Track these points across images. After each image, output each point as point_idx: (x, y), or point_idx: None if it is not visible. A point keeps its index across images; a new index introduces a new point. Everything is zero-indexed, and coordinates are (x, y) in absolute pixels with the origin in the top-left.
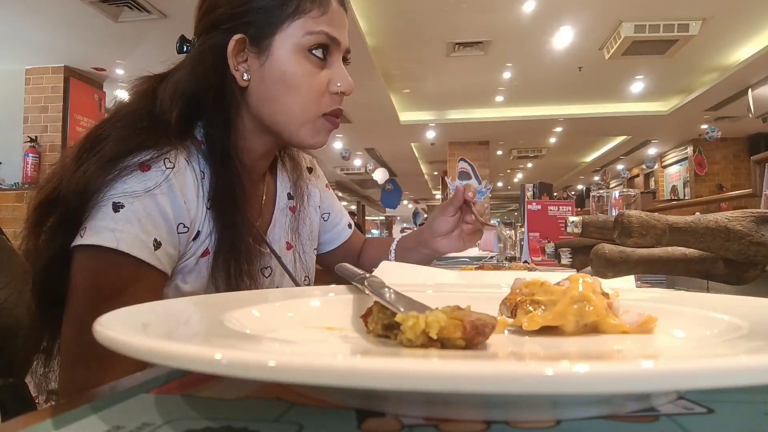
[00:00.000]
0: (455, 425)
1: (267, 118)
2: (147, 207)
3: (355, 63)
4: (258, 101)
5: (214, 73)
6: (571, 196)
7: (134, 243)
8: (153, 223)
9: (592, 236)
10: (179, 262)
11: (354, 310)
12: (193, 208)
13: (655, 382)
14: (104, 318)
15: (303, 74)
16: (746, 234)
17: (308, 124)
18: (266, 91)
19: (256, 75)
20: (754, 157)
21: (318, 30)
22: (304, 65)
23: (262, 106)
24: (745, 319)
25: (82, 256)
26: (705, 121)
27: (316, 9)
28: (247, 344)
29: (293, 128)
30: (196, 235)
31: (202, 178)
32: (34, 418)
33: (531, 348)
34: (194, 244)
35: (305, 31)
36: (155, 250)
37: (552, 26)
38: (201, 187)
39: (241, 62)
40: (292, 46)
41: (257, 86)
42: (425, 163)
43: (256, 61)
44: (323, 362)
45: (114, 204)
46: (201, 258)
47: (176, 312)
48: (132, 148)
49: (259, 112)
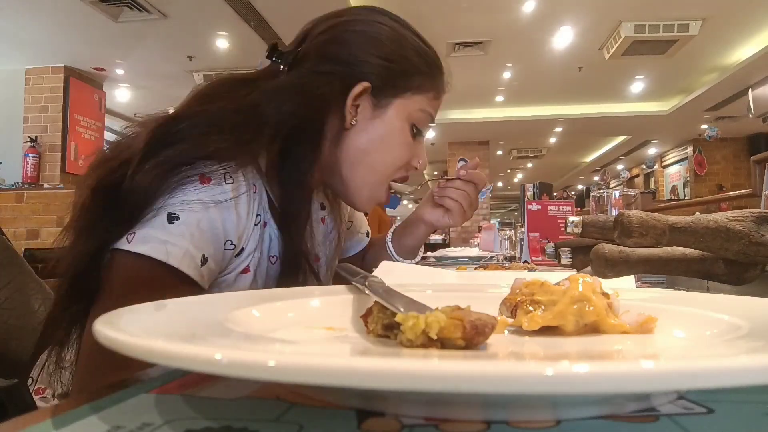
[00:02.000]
0: (455, 425)
1: (350, 164)
2: (201, 222)
3: None
4: (351, 146)
5: (329, 104)
6: (571, 196)
7: (184, 258)
8: (204, 239)
9: (592, 236)
10: (220, 276)
11: (354, 310)
12: (243, 226)
13: (655, 382)
14: (104, 318)
15: (402, 143)
16: (746, 234)
17: (378, 185)
18: (365, 141)
19: (363, 123)
20: (754, 157)
21: (429, 111)
22: (407, 135)
23: (354, 151)
24: (745, 319)
25: (126, 259)
26: (705, 121)
27: (433, 92)
28: (247, 344)
29: (362, 185)
30: (239, 252)
31: (254, 192)
32: (34, 418)
33: (531, 348)
34: (236, 261)
35: (420, 108)
36: (201, 266)
37: (552, 26)
38: (253, 203)
39: (354, 106)
40: (405, 114)
41: (358, 133)
42: None
43: (369, 112)
44: (323, 362)
45: (169, 214)
46: (241, 275)
47: (176, 312)
48: (202, 156)
49: (347, 156)
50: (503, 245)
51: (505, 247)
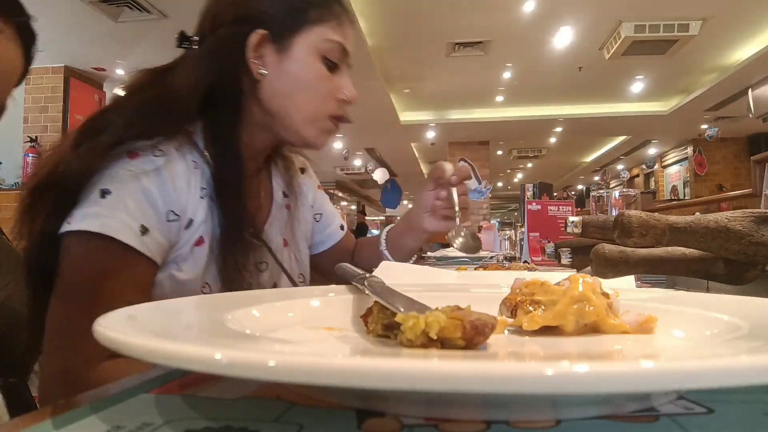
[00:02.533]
0: (455, 425)
1: (279, 112)
2: (133, 193)
3: (355, 63)
4: (272, 96)
5: (232, 63)
6: (571, 196)
7: (120, 228)
8: (140, 209)
9: (592, 236)
10: (173, 251)
11: (354, 310)
12: (184, 197)
13: (655, 382)
14: (105, 318)
15: (318, 76)
16: (746, 234)
17: (316, 122)
18: (282, 86)
19: (273, 70)
20: (754, 157)
21: (336, 40)
22: (319, 68)
23: (276, 100)
24: (745, 319)
25: (69, 242)
26: (705, 121)
27: (334, 20)
28: (247, 344)
29: (302, 124)
30: (188, 224)
31: (194, 167)
32: (34, 418)
33: (531, 348)
34: (186, 233)
35: (325, 38)
36: (142, 235)
37: (552, 26)
38: (194, 176)
39: (258, 57)
40: (312, 49)
41: (273, 81)
42: (425, 163)
43: (274, 57)
44: (323, 362)
45: (101, 191)
46: (195, 247)
47: (176, 312)
48: (127, 136)
49: (272, 106)
50: (503, 245)
51: (505, 247)
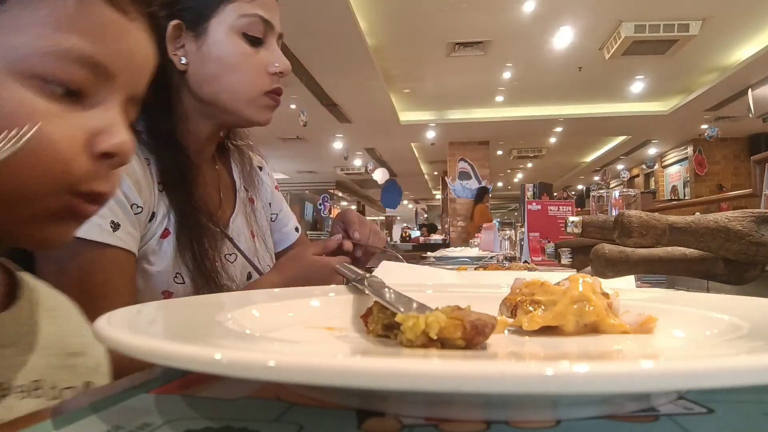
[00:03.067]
0: (455, 425)
1: (210, 98)
2: None
3: (355, 63)
4: (199, 83)
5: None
6: (571, 196)
7: (91, 228)
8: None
9: (592, 236)
10: (142, 243)
11: (354, 310)
12: (146, 191)
13: (655, 382)
14: (104, 318)
15: (241, 54)
16: (746, 234)
17: (252, 101)
18: (206, 72)
19: (195, 58)
20: (754, 157)
21: (252, 13)
22: (241, 46)
23: (204, 87)
24: (745, 319)
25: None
26: (705, 121)
27: None
28: (247, 344)
29: (239, 106)
30: (152, 217)
31: (148, 164)
32: (34, 418)
33: (531, 348)
34: (152, 225)
35: (239, 14)
36: (114, 231)
37: (552, 26)
38: (149, 171)
39: (178, 47)
40: (228, 28)
41: (197, 69)
42: (425, 163)
43: (193, 45)
44: (323, 362)
45: None
46: (162, 239)
47: (176, 312)
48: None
49: (202, 93)
50: (503, 245)
51: (505, 247)
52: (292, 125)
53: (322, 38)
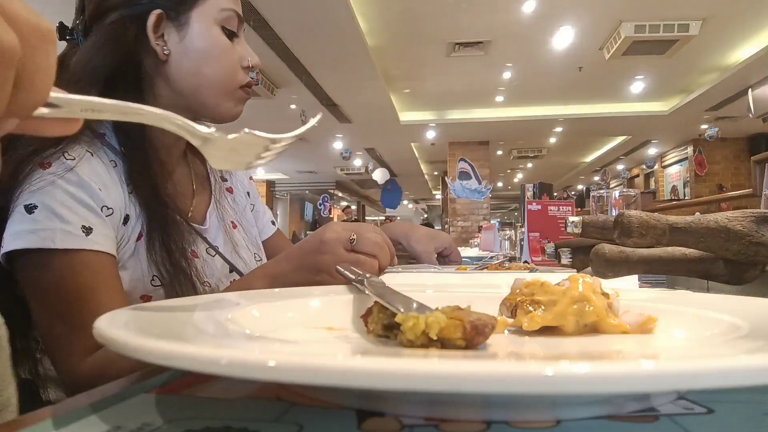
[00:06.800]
0: (455, 425)
1: (190, 90)
2: (59, 198)
3: (355, 63)
4: (180, 75)
5: (131, 48)
6: (571, 196)
7: (63, 237)
8: (74, 212)
9: (592, 236)
10: (118, 249)
11: (354, 310)
12: (114, 193)
13: (655, 382)
14: (104, 318)
15: (222, 47)
16: (746, 234)
17: (231, 95)
18: (188, 64)
19: (177, 49)
20: (754, 157)
21: (229, 8)
22: (222, 39)
23: (185, 79)
24: (745, 319)
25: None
26: (705, 121)
27: None
28: (247, 344)
29: (217, 99)
30: (125, 220)
31: (114, 166)
32: (34, 418)
33: (531, 348)
34: (125, 229)
35: (220, 8)
36: (87, 235)
37: (552, 26)
38: (116, 173)
39: (159, 37)
40: (210, 20)
41: (179, 60)
42: (425, 163)
43: (175, 36)
44: (323, 362)
45: (26, 206)
46: (137, 242)
47: (176, 312)
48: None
49: (182, 85)
50: (503, 245)
51: (505, 247)
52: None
53: (322, 38)
